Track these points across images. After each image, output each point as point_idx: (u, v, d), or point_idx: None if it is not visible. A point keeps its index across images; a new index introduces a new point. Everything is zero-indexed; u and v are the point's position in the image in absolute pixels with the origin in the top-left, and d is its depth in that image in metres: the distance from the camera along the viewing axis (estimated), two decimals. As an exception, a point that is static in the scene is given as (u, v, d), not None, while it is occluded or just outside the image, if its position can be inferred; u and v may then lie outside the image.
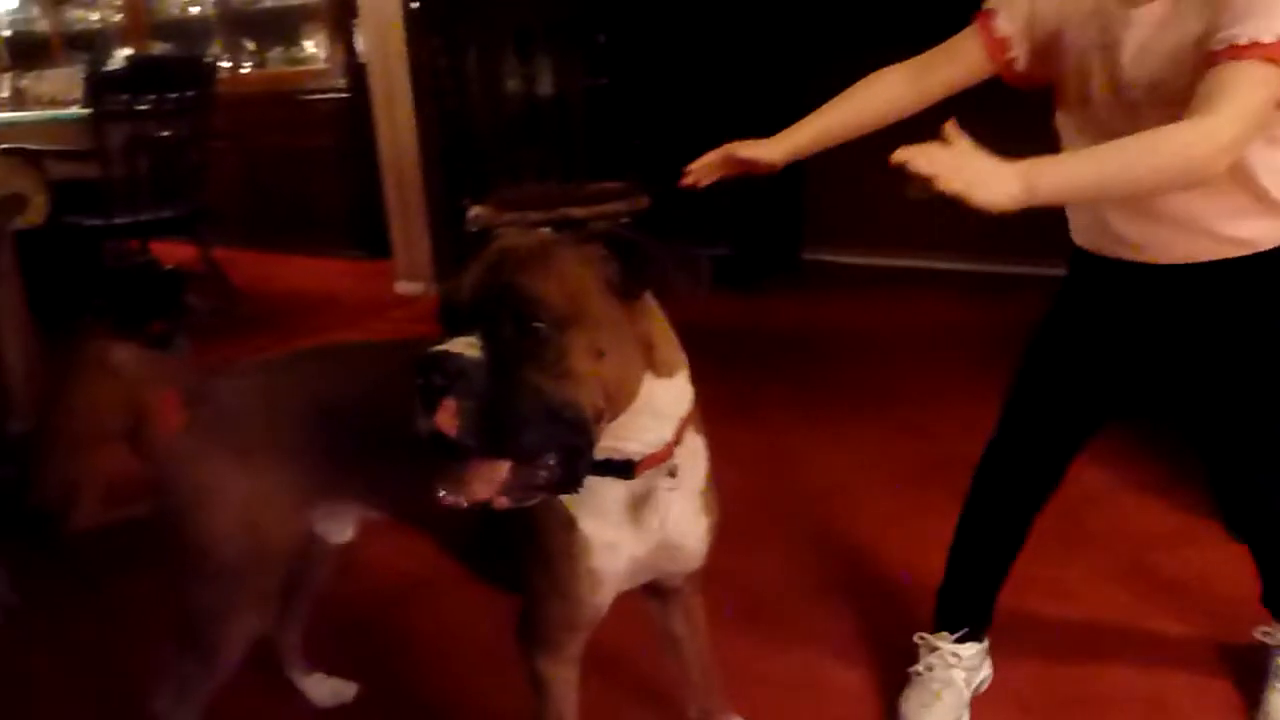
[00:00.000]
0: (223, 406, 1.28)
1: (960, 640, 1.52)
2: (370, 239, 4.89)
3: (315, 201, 5.17)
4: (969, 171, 1.03)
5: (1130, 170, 1.08)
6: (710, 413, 1.25)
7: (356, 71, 4.65)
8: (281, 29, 5.33)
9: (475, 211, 3.26)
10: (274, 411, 1.25)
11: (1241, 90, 1.04)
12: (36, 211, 1.92)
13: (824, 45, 3.97)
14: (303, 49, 5.29)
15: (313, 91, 5.01)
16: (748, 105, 3.87)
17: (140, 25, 5.72)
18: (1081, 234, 1.38)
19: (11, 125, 4.17)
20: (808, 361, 3.16)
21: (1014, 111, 1.49)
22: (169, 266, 2.57)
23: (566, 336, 0.91)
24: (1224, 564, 1.80)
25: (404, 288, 4.30)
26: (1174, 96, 1.10)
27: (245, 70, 5.38)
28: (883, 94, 1.37)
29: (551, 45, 3.61)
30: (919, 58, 1.36)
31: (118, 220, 3.73)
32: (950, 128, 1.08)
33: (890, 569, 1.90)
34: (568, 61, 3.61)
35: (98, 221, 3.70)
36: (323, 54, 5.06)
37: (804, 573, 1.91)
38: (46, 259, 3.60)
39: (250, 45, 5.42)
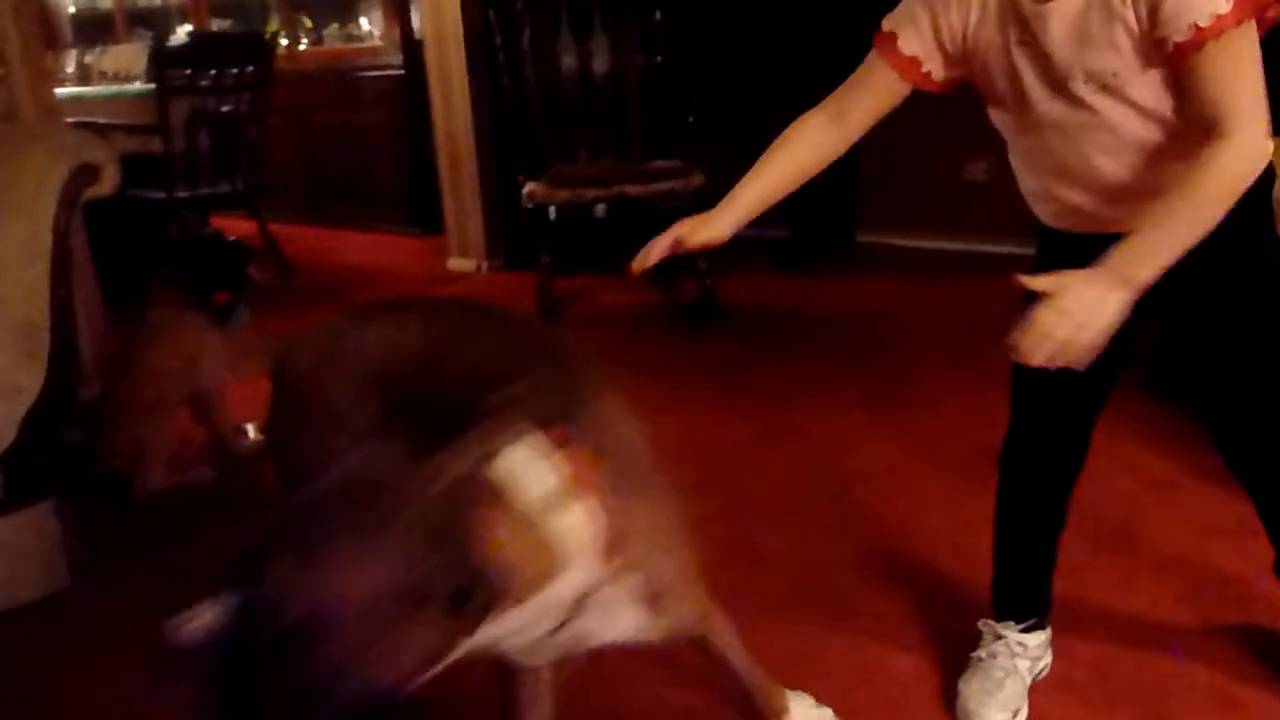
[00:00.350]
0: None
1: (1026, 630, 1.51)
2: (424, 215, 4.94)
3: (370, 178, 5.23)
4: (1080, 318, 1.02)
5: (1202, 219, 1.07)
6: (764, 395, 1.25)
7: (412, 48, 4.68)
8: (338, 6, 5.38)
9: (530, 189, 3.28)
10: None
11: (1235, 79, 1.06)
12: (109, 182, 1.95)
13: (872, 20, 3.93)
14: (359, 26, 5.34)
15: (369, 68, 5.06)
16: (804, 83, 3.83)
17: (201, 2, 5.80)
18: (1051, 217, 1.37)
19: (78, 100, 4.26)
20: (862, 344, 3.13)
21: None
22: (233, 239, 2.61)
23: None
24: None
25: (455, 264, 4.34)
26: (1120, 84, 1.13)
27: (302, 47, 5.44)
28: (809, 145, 1.36)
29: (608, 23, 3.60)
30: (832, 98, 1.35)
31: (179, 194, 3.82)
32: (1029, 281, 1.07)
33: (941, 553, 1.89)
34: (624, 39, 3.60)
35: (160, 194, 3.79)
36: (379, 31, 5.09)
37: (855, 555, 1.91)
38: (111, 230, 3.70)
39: (307, 22, 5.47)
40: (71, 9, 6.60)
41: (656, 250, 1.28)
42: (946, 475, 2.18)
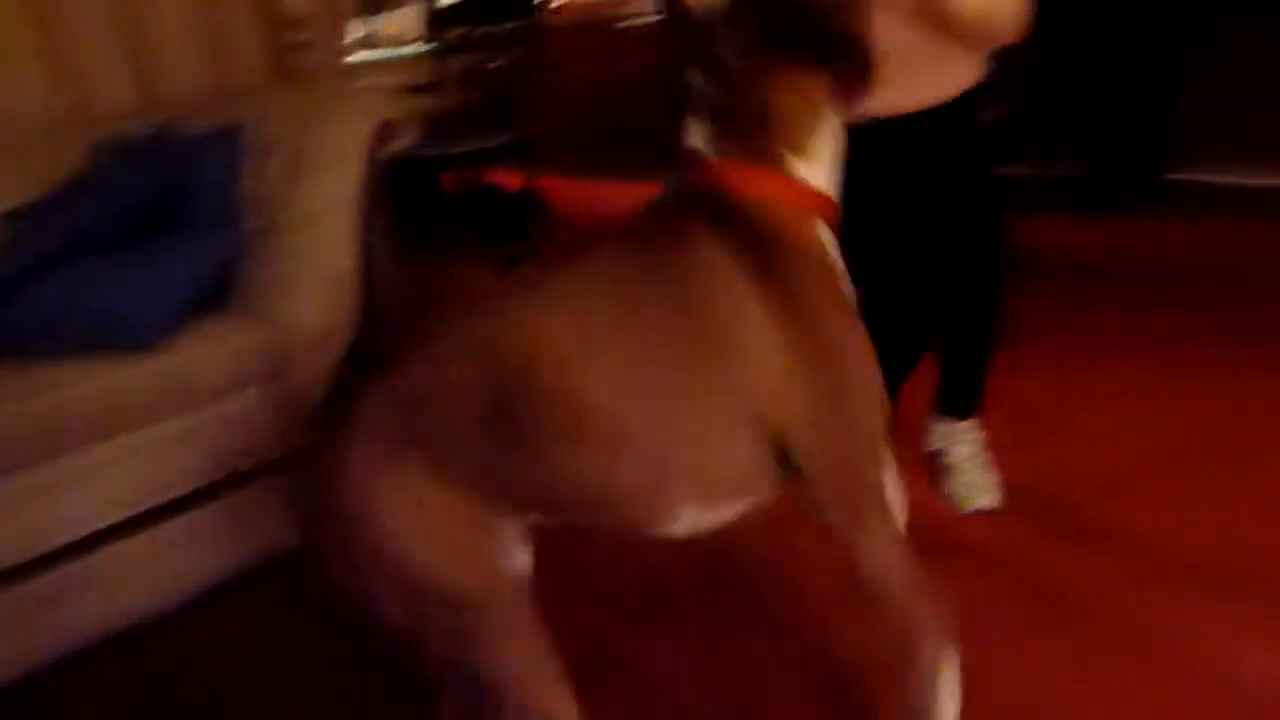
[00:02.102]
0: None
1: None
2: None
3: (638, 128, 5.22)
4: None
5: None
6: (1088, 355, 1.10)
7: (672, -6, 4.61)
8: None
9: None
10: None
11: None
12: (408, 137, 2.00)
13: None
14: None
15: (627, 17, 5.03)
16: (1117, 20, 3.41)
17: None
18: None
19: (363, 64, 4.51)
20: (1173, 299, 2.74)
21: None
22: (512, 192, 2.64)
23: None
24: None
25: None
26: None
27: (562, 1, 5.50)
28: None
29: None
30: None
31: (453, 150, 3.95)
32: None
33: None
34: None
35: (437, 150, 3.94)
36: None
37: (1247, 534, 1.64)
38: (395, 187, 3.90)
39: (566, -25, 5.52)
40: (352, -20, 7.04)
41: None
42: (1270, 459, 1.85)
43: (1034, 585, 1.63)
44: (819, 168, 1.10)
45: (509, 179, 4.33)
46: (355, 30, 6.10)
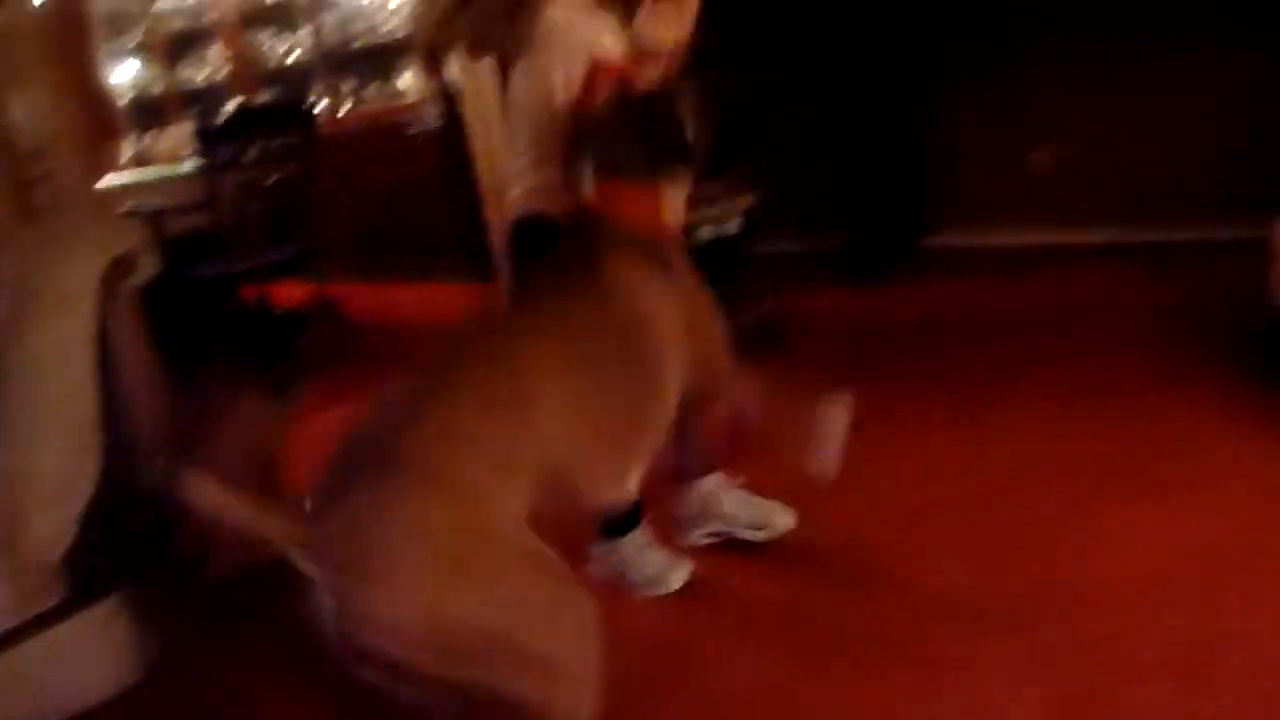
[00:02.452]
0: None
1: None
2: (482, 264, 4.91)
3: (425, 232, 5.24)
4: None
5: None
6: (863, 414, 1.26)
7: (450, 101, 4.69)
8: (377, 67, 5.43)
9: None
10: None
11: None
12: (146, 270, 1.94)
13: (935, 43, 3.79)
14: (398, 84, 5.38)
15: (411, 124, 5.08)
16: (858, 98, 3.73)
17: (246, 78, 5.92)
18: None
19: (134, 185, 4.35)
20: (948, 355, 2.95)
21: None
22: (281, 311, 2.59)
23: None
24: None
25: (512, 310, 4.29)
26: None
27: (345, 110, 5.50)
28: None
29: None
30: None
31: (235, 267, 3.85)
32: None
33: (1060, 577, 1.73)
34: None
35: (218, 269, 3.83)
36: (417, 87, 5.12)
37: (970, 593, 1.76)
38: (170, 310, 3.74)
39: (348, 85, 5.53)
40: (128, 97, 6.80)
41: None
42: (1052, 497, 2.01)
43: (818, 631, 1.71)
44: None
45: (295, 292, 4.24)
46: (126, 150, 5.90)
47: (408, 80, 5.29)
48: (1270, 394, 2.28)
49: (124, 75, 6.82)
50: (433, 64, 4.79)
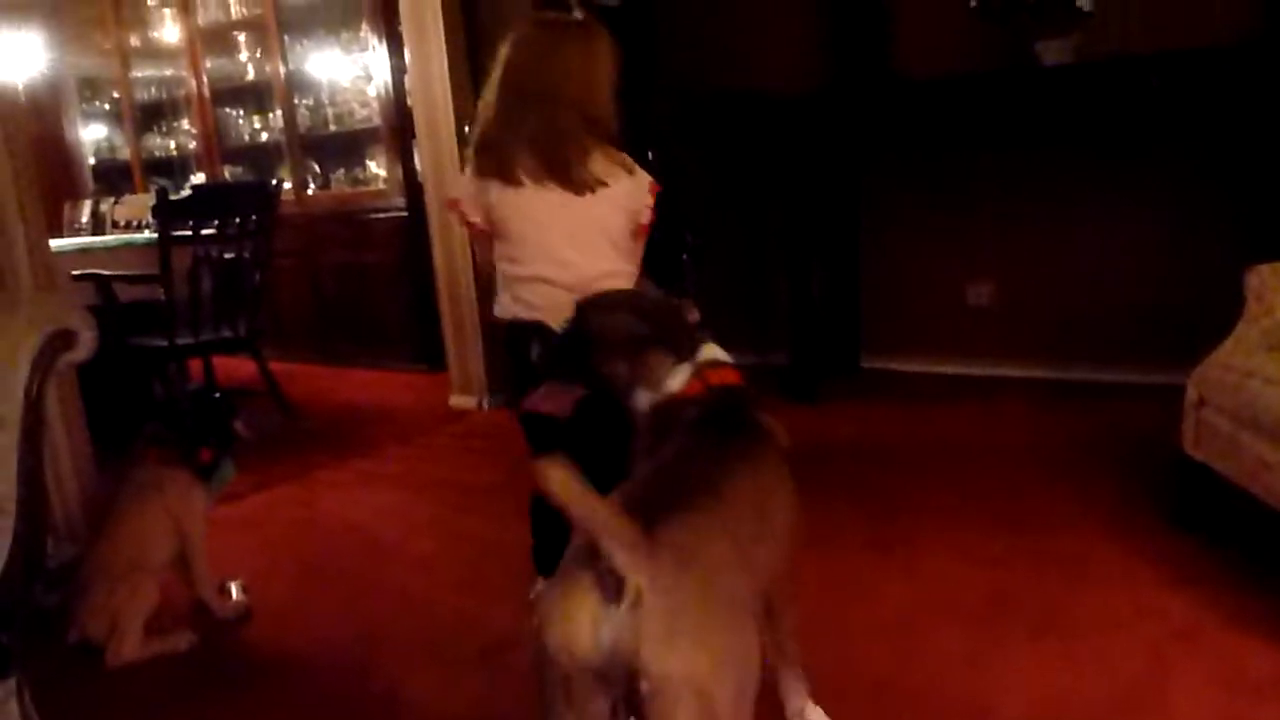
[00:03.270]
0: None
1: None
2: (429, 352, 4.94)
3: (377, 316, 5.27)
4: None
5: None
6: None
7: (415, 190, 4.78)
8: (346, 151, 5.52)
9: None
10: None
11: None
12: (85, 348, 1.93)
13: (875, 147, 3.97)
14: (366, 169, 5.47)
15: (374, 210, 5.15)
16: (801, 207, 3.86)
17: (213, 152, 5.99)
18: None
19: (86, 251, 4.33)
20: (874, 477, 3.02)
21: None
22: (217, 394, 2.58)
23: None
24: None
25: (457, 401, 4.30)
26: None
27: (311, 191, 5.57)
28: None
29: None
30: None
31: (181, 340, 3.83)
32: None
33: (965, 716, 1.75)
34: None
35: (162, 342, 3.80)
36: (383, 174, 5.21)
37: None
38: (110, 382, 3.70)
39: (316, 167, 5.61)
40: (92, 160, 6.83)
41: None
42: (967, 629, 2.05)
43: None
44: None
45: (240, 370, 4.21)
46: (84, 214, 5.90)
47: (374, 167, 5.39)
48: (1179, 537, 2.37)
49: (92, 137, 6.87)
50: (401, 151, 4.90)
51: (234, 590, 2.46)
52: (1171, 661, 1.85)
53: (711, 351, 1.58)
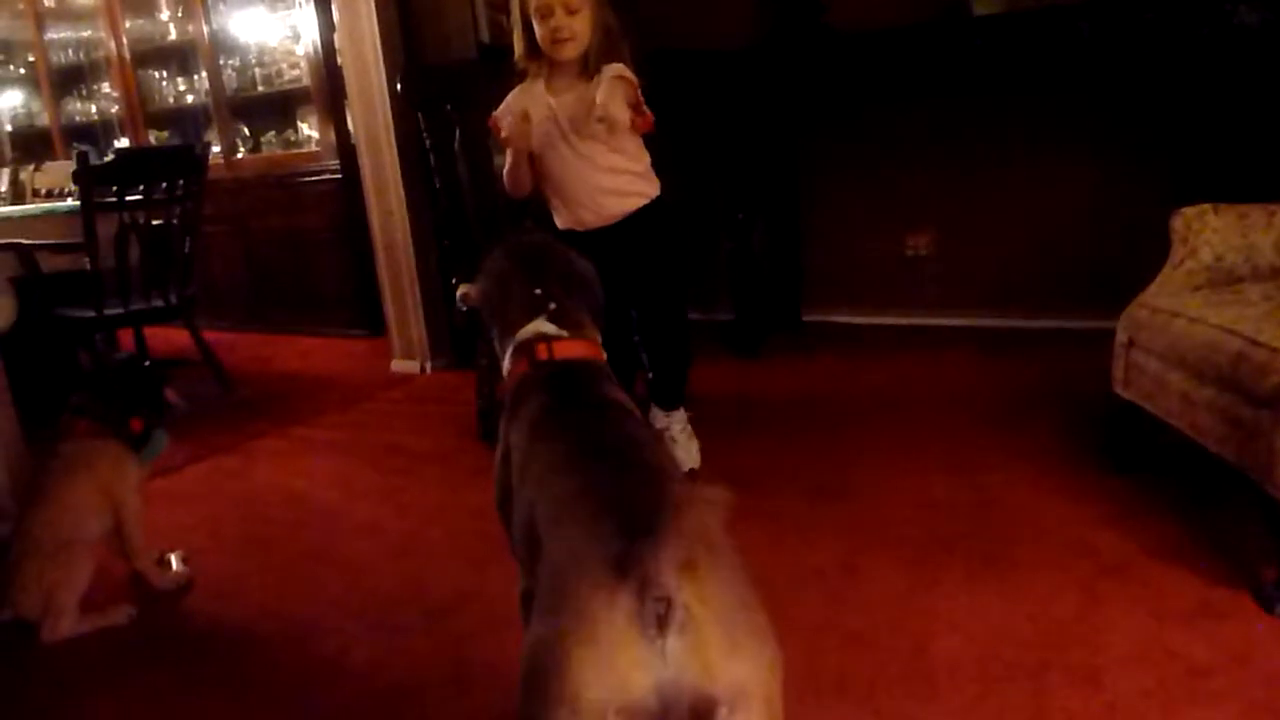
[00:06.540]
0: None
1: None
2: (368, 317, 4.87)
3: (313, 281, 5.17)
4: None
5: None
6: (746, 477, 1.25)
7: (349, 152, 4.67)
8: (276, 113, 5.37)
9: (463, 290, 3.21)
10: None
11: None
12: (5, 317, 1.86)
13: (812, 101, 3.96)
14: (297, 131, 5.33)
15: (307, 174, 5.03)
16: (740, 163, 3.86)
17: (136, 116, 5.78)
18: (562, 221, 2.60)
19: (5, 220, 4.17)
20: (809, 429, 3.05)
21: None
22: (147, 362, 2.51)
23: None
24: (1262, 641, 1.70)
25: (399, 366, 4.25)
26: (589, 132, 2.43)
27: (240, 155, 5.41)
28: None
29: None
30: None
31: (110, 311, 3.72)
32: None
33: (901, 654, 1.79)
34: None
35: (90, 313, 3.69)
36: (316, 135, 5.08)
37: (810, 664, 1.80)
38: (38, 353, 3.58)
39: (245, 130, 5.45)
40: (9, 126, 6.57)
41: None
42: (907, 570, 2.09)
43: None
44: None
45: (172, 339, 4.11)
46: (2, 182, 5.67)
47: (306, 129, 5.26)
48: (1111, 476, 2.43)
49: (8, 104, 6.59)
50: (333, 113, 4.78)
51: (174, 561, 2.42)
52: (1103, 595, 1.90)
53: (537, 327, 1.43)
